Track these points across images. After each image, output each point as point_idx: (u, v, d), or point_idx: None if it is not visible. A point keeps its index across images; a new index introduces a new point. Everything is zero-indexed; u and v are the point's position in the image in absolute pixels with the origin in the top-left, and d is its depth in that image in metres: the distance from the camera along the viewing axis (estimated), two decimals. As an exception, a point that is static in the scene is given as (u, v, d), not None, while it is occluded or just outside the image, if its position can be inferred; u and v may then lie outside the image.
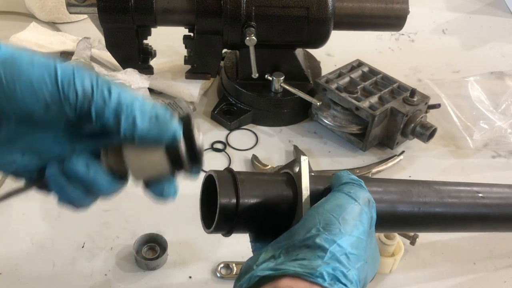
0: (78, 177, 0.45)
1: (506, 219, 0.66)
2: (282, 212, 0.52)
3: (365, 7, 0.89)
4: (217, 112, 0.95)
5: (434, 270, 0.74)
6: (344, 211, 0.47)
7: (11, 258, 0.70)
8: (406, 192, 0.59)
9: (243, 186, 0.50)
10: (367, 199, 0.50)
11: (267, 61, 0.92)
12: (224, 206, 0.49)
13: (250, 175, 0.54)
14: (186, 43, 0.91)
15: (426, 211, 0.59)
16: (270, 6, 0.85)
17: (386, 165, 0.87)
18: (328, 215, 0.46)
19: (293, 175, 0.54)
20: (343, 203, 0.48)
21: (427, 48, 1.20)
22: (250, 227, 0.53)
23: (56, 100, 0.41)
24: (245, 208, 0.50)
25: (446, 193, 0.62)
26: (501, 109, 0.97)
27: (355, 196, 0.49)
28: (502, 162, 0.93)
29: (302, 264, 0.43)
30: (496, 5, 1.38)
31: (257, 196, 0.51)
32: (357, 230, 0.46)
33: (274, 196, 0.52)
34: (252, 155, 0.87)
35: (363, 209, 0.48)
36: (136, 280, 0.69)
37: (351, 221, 0.46)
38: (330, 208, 0.47)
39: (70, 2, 0.86)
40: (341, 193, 0.49)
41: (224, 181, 0.50)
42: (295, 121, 0.96)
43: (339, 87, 0.90)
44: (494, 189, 0.67)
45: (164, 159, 0.46)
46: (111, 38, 0.88)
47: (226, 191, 0.49)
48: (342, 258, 0.44)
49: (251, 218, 0.51)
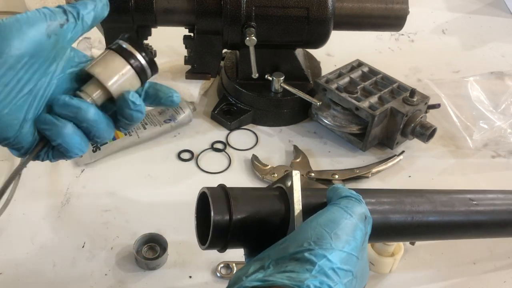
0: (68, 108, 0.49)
1: (501, 225, 0.66)
2: (276, 227, 0.52)
3: (365, 7, 0.89)
4: (217, 112, 0.95)
5: (434, 270, 0.74)
6: (337, 226, 0.47)
7: (11, 258, 0.71)
8: (399, 202, 0.59)
9: (236, 202, 0.51)
10: (364, 215, 0.50)
11: (267, 61, 0.92)
12: (217, 223, 0.50)
13: (243, 191, 0.54)
14: (186, 43, 0.91)
15: (420, 220, 0.60)
16: (270, 6, 0.85)
17: (386, 165, 0.87)
18: (320, 230, 0.47)
19: (286, 189, 0.54)
20: (337, 217, 0.48)
21: (427, 48, 1.20)
22: (244, 243, 0.54)
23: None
24: (238, 224, 0.51)
25: (439, 201, 0.62)
26: (501, 109, 0.98)
27: (351, 211, 0.49)
28: (502, 162, 0.93)
29: (290, 277, 0.43)
30: (496, 5, 1.38)
31: (250, 212, 0.51)
32: (348, 246, 0.46)
33: (267, 211, 0.52)
34: (252, 155, 0.87)
35: (357, 225, 0.48)
36: (136, 280, 0.69)
37: (343, 237, 0.46)
38: (323, 223, 0.47)
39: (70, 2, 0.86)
40: (338, 207, 0.50)
41: (217, 198, 0.51)
42: (295, 121, 0.96)
43: (339, 87, 0.91)
44: (487, 196, 0.67)
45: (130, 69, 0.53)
46: (112, 38, 0.88)
47: (219, 208, 0.50)
48: (330, 272, 0.44)
49: (245, 233, 0.52)
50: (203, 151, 0.89)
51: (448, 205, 0.62)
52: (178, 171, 0.86)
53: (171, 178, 0.84)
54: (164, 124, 0.90)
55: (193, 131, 0.93)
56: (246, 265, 0.48)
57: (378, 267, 0.71)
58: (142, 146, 0.89)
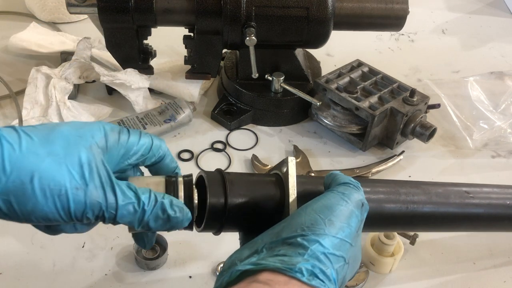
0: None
1: (496, 219, 0.66)
2: (270, 211, 0.53)
3: (365, 7, 0.89)
4: (217, 112, 0.95)
5: (434, 269, 0.74)
6: (333, 212, 0.47)
7: (12, 258, 0.70)
8: (394, 192, 0.59)
9: (232, 186, 0.51)
10: (360, 202, 0.50)
11: (267, 61, 0.92)
12: (213, 205, 0.51)
13: (239, 175, 0.55)
14: (186, 43, 0.91)
15: (414, 210, 0.60)
16: (270, 6, 0.85)
17: (386, 165, 0.87)
18: (315, 216, 0.47)
19: (281, 175, 0.54)
20: (333, 204, 0.48)
21: (427, 48, 1.20)
22: (239, 226, 0.54)
23: (70, 220, 0.45)
24: (233, 207, 0.51)
25: (434, 192, 0.62)
26: (500, 109, 0.98)
27: (348, 197, 0.49)
28: (502, 162, 0.93)
29: (283, 260, 0.44)
30: (496, 5, 1.38)
31: (246, 196, 0.52)
32: (342, 232, 0.47)
33: (262, 195, 0.53)
34: (252, 155, 0.87)
35: (353, 211, 0.49)
36: (136, 280, 0.69)
37: (337, 223, 0.47)
38: (318, 209, 0.48)
39: (70, 2, 0.86)
40: (335, 193, 0.50)
41: (213, 181, 0.51)
42: (295, 121, 0.96)
43: (339, 87, 0.91)
44: (483, 189, 0.67)
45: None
46: (111, 38, 0.88)
47: (215, 191, 0.51)
48: (322, 257, 0.45)
49: (240, 217, 0.52)
50: (203, 151, 0.89)
51: (443, 197, 0.62)
52: (178, 171, 0.85)
53: (171, 178, 0.84)
54: (164, 124, 0.90)
55: (193, 131, 0.93)
56: (240, 249, 0.48)
57: (378, 267, 0.71)
58: (142, 146, 0.89)
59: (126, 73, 0.90)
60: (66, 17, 1.16)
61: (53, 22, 1.16)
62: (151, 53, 0.94)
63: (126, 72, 0.90)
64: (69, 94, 0.91)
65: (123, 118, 0.90)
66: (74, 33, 1.09)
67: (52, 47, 1.03)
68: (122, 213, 0.47)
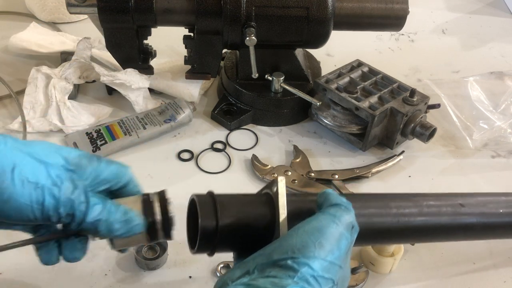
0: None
1: (489, 228, 0.67)
2: (262, 232, 0.54)
3: (365, 7, 0.89)
4: (217, 112, 0.95)
5: (434, 270, 0.74)
6: (323, 235, 0.48)
7: (12, 258, 0.70)
8: (385, 206, 0.60)
9: (223, 208, 0.53)
10: (351, 224, 0.51)
11: (267, 61, 0.92)
12: (204, 228, 0.52)
13: (230, 197, 0.56)
14: (186, 43, 0.91)
15: (406, 223, 0.60)
16: (270, 6, 0.85)
17: (386, 165, 0.87)
18: (305, 238, 0.47)
19: (272, 194, 0.55)
20: (324, 226, 0.49)
21: (427, 48, 1.20)
22: (232, 247, 0.56)
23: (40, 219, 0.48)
24: (225, 229, 0.52)
25: (426, 204, 0.62)
26: (500, 109, 0.98)
27: (338, 220, 0.50)
28: (502, 162, 0.93)
29: (273, 282, 0.44)
30: (496, 5, 1.38)
31: (237, 217, 0.53)
32: (332, 255, 0.47)
33: (253, 216, 0.54)
34: (252, 155, 0.87)
35: (343, 234, 0.49)
36: (136, 280, 0.69)
37: (327, 246, 0.47)
38: (309, 231, 0.48)
39: (70, 2, 0.86)
40: (326, 215, 0.50)
41: (205, 204, 0.53)
42: (295, 121, 0.96)
43: (339, 87, 0.91)
44: (476, 199, 0.67)
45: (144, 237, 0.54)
46: (111, 38, 0.88)
47: (206, 214, 0.52)
48: (311, 280, 0.45)
49: (232, 238, 0.54)
50: (203, 151, 0.89)
51: (434, 207, 0.63)
52: (178, 171, 0.86)
53: (171, 178, 0.84)
54: (164, 124, 0.90)
55: (193, 131, 0.93)
56: (232, 270, 0.49)
57: (378, 267, 0.71)
58: (142, 146, 0.89)
59: (126, 73, 0.90)
60: (66, 17, 1.16)
61: (53, 22, 1.16)
62: (151, 53, 0.94)
63: (126, 72, 0.90)
64: (69, 94, 0.91)
65: (123, 118, 0.90)
66: (74, 33, 1.09)
67: (52, 47, 1.03)
68: (91, 213, 0.50)
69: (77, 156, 0.52)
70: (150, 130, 0.89)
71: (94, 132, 0.87)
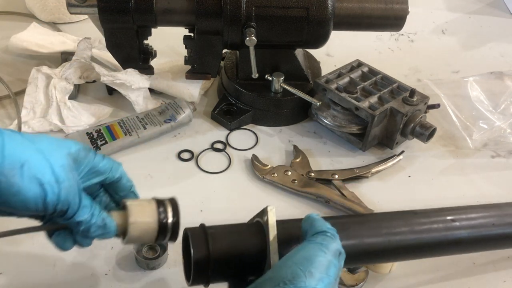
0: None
1: (481, 241, 0.67)
2: (254, 261, 0.56)
3: (365, 7, 0.89)
4: (217, 112, 0.95)
5: (433, 270, 0.74)
6: (312, 264, 0.49)
7: (12, 258, 0.71)
8: (375, 227, 0.62)
9: (214, 240, 0.55)
10: (338, 251, 0.52)
11: (267, 61, 0.92)
12: (197, 261, 0.55)
13: (221, 228, 0.58)
14: (186, 43, 0.91)
15: (397, 242, 0.62)
16: (270, 7, 0.85)
17: (385, 165, 0.87)
18: (295, 268, 0.49)
19: (263, 223, 0.56)
20: (312, 255, 0.50)
21: (426, 48, 1.20)
22: (226, 277, 0.57)
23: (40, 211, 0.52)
24: (217, 261, 0.55)
25: (417, 222, 0.64)
26: (500, 109, 0.98)
27: (326, 248, 0.51)
28: (502, 162, 0.93)
29: None
30: (496, 6, 1.38)
31: (228, 248, 0.56)
32: (322, 283, 0.49)
33: (244, 246, 0.56)
34: (252, 155, 0.87)
35: (332, 261, 0.51)
36: (137, 280, 0.69)
37: (317, 275, 0.49)
38: (298, 261, 0.50)
39: (70, 2, 0.86)
40: (313, 244, 0.52)
41: (197, 237, 0.56)
42: (295, 121, 0.96)
43: (339, 87, 0.91)
44: (468, 215, 0.68)
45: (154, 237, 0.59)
46: (112, 38, 0.88)
47: (199, 247, 0.55)
48: None
49: (225, 268, 0.56)
50: (203, 151, 0.89)
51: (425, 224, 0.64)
52: (178, 171, 0.86)
53: (171, 178, 0.84)
54: (164, 124, 0.90)
55: (193, 131, 0.93)
56: None
57: (378, 267, 0.71)
58: (142, 146, 0.89)
59: (126, 73, 0.90)
60: (66, 17, 1.16)
61: (53, 22, 1.17)
62: (151, 53, 0.94)
63: (127, 72, 0.90)
64: (70, 94, 0.91)
65: (123, 118, 0.90)
66: (75, 33, 1.09)
67: (52, 47, 1.03)
68: (80, 215, 0.55)
69: (77, 150, 0.56)
70: (150, 130, 0.89)
71: (94, 132, 0.87)
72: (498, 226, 0.67)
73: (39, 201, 0.51)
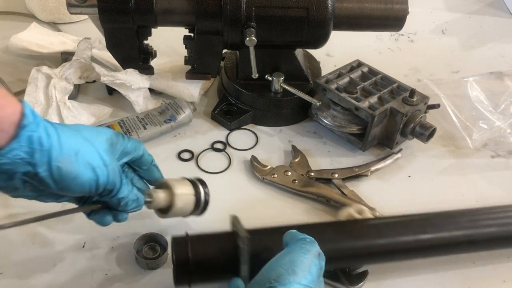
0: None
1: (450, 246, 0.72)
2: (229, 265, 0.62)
3: (365, 7, 0.90)
4: (217, 112, 0.95)
5: (433, 269, 0.74)
6: (294, 264, 0.54)
7: (12, 258, 0.71)
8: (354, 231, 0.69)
9: (193, 246, 0.63)
10: (317, 252, 0.57)
11: (267, 61, 0.92)
12: (178, 264, 0.63)
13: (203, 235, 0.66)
14: (187, 44, 0.91)
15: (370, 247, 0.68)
16: (270, 7, 0.85)
17: (384, 163, 0.88)
18: (280, 269, 0.53)
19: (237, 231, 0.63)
20: (294, 257, 0.55)
21: (426, 49, 1.21)
22: (205, 279, 0.65)
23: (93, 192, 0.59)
24: (196, 264, 0.62)
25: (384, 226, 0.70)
26: (500, 109, 0.98)
27: (306, 250, 0.56)
28: (501, 162, 0.93)
29: None
30: (496, 6, 1.38)
31: (206, 254, 0.63)
32: (305, 279, 0.53)
33: (220, 253, 0.63)
34: (251, 156, 0.87)
35: (313, 261, 0.55)
36: (137, 280, 0.69)
37: (300, 272, 0.53)
38: (281, 263, 0.54)
39: (70, 2, 0.86)
40: (295, 247, 0.57)
41: (179, 244, 0.63)
42: (295, 121, 0.96)
43: (338, 87, 0.91)
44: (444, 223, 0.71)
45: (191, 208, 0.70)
46: (112, 38, 0.88)
47: (180, 252, 0.63)
48: None
49: (204, 271, 0.63)
50: (203, 151, 0.89)
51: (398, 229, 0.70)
52: (178, 171, 0.85)
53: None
54: (164, 124, 0.90)
55: (193, 131, 0.93)
56: None
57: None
58: (142, 146, 0.89)
59: (126, 73, 0.90)
60: (66, 18, 1.17)
61: (53, 22, 1.17)
62: (152, 53, 0.95)
63: (127, 72, 0.90)
64: (70, 94, 0.91)
65: (124, 118, 0.90)
66: (75, 33, 1.09)
67: (52, 47, 1.03)
68: (122, 191, 0.62)
69: (111, 135, 0.63)
70: (151, 130, 0.89)
71: (94, 132, 0.87)
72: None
73: (92, 183, 0.57)
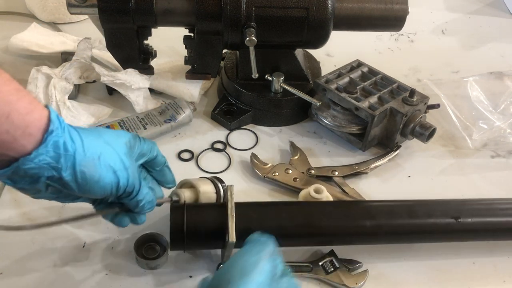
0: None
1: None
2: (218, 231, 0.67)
3: (365, 7, 0.90)
4: (217, 112, 0.95)
5: (433, 270, 0.74)
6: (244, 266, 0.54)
7: (12, 258, 0.71)
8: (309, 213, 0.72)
9: (189, 214, 0.67)
10: (270, 252, 0.57)
11: (267, 61, 0.92)
12: (174, 229, 0.66)
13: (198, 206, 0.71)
14: (187, 44, 0.91)
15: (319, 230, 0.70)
16: (270, 7, 0.85)
17: (383, 160, 0.88)
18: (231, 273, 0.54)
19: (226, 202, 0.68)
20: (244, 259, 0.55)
21: (426, 49, 1.21)
22: (199, 245, 0.70)
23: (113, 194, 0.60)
24: (190, 230, 0.66)
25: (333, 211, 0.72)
26: (500, 109, 0.98)
27: (257, 251, 0.56)
28: (501, 162, 0.93)
29: None
30: (495, 6, 1.38)
31: (199, 222, 0.67)
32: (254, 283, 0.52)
33: (211, 219, 0.68)
34: (252, 154, 0.87)
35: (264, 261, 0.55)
36: (137, 280, 0.69)
37: (250, 275, 0.53)
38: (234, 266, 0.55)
39: (70, 2, 0.86)
40: (247, 248, 0.58)
41: (176, 211, 0.67)
42: (295, 121, 0.96)
43: (338, 87, 0.91)
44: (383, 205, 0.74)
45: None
46: (112, 38, 0.88)
47: (176, 218, 0.67)
48: None
49: (197, 237, 0.67)
50: (203, 151, 0.89)
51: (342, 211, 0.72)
52: (178, 171, 0.85)
53: (171, 178, 0.84)
54: (164, 124, 0.90)
55: (193, 131, 0.93)
56: None
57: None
58: (142, 146, 0.89)
59: (126, 73, 0.90)
60: (66, 18, 1.17)
61: (53, 22, 1.17)
62: (152, 53, 0.95)
63: (127, 72, 0.90)
64: (69, 94, 0.91)
65: (124, 118, 0.90)
66: (75, 33, 1.09)
67: (52, 47, 1.03)
68: (141, 194, 0.63)
69: (129, 138, 0.64)
70: (151, 130, 0.89)
71: (94, 132, 0.87)
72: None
73: (114, 186, 0.59)
